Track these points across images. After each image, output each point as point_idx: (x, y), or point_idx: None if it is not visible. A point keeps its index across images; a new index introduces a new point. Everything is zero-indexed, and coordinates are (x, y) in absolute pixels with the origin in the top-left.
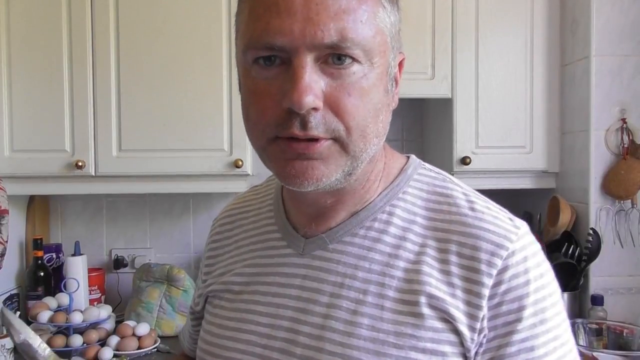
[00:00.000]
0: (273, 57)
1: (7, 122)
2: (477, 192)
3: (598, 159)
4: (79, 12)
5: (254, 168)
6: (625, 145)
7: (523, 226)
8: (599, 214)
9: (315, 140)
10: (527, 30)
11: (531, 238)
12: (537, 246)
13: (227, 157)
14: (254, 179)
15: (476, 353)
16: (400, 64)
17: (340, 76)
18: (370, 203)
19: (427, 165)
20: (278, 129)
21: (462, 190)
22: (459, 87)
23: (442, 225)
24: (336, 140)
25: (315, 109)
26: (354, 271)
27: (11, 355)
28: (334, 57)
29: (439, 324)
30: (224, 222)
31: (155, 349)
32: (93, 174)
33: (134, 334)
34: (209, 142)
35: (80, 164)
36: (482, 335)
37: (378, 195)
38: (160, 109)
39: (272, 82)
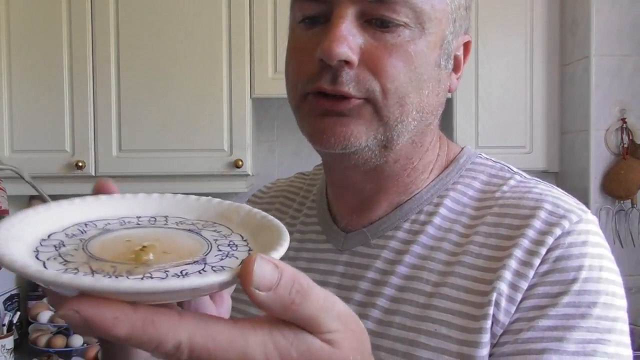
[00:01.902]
0: (318, 19)
1: (7, 122)
2: (544, 181)
3: (598, 158)
4: (79, 12)
5: (254, 168)
6: (625, 145)
7: (591, 215)
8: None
9: (345, 98)
10: (527, 30)
11: (599, 230)
12: (604, 241)
13: (227, 157)
14: (254, 179)
15: (494, 344)
16: (466, 48)
17: (383, 37)
18: (416, 194)
19: (484, 154)
20: (309, 84)
21: (521, 178)
22: (459, 87)
23: (492, 211)
24: (369, 101)
25: (348, 63)
26: (392, 267)
27: (11, 355)
28: (377, 20)
29: (480, 324)
30: (266, 199)
31: None
32: (93, 174)
33: None
34: (209, 142)
35: (80, 164)
36: (507, 319)
37: (426, 187)
38: (160, 109)
39: (312, 37)
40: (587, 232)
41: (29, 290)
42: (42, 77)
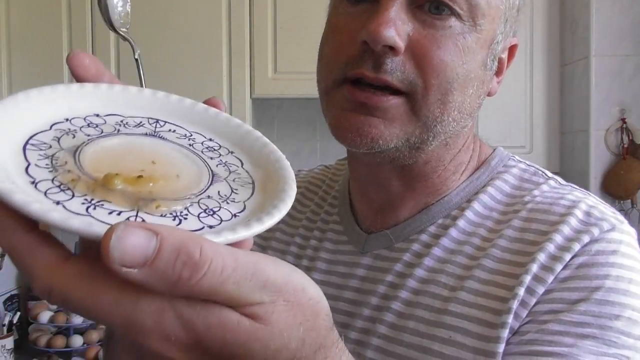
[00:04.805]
0: None
1: None
2: (580, 189)
3: (598, 159)
4: (78, 12)
5: None
6: (625, 145)
7: (628, 226)
8: None
9: (385, 91)
10: (527, 30)
11: (635, 243)
12: (639, 255)
13: None
14: None
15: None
16: (511, 51)
17: (434, 26)
18: (445, 197)
19: (517, 157)
20: (347, 67)
21: (556, 184)
22: None
23: (520, 215)
24: (409, 97)
25: (394, 50)
26: (411, 270)
27: (11, 355)
28: (432, 5)
29: (498, 333)
30: None
31: None
32: None
33: None
34: None
35: None
36: (517, 323)
37: (455, 189)
38: None
39: (356, 17)
40: (619, 241)
41: (29, 290)
42: (42, 77)
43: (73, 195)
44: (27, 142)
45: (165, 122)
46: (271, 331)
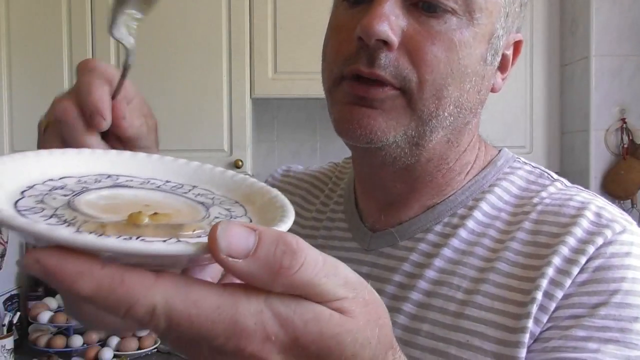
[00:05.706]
0: None
1: (7, 122)
2: (586, 190)
3: (598, 159)
4: (79, 12)
5: (254, 168)
6: (625, 145)
7: (637, 227)
8: None
9: (380, 85)
10: (527, 30)
11: None
12: None
13: (227, 157)
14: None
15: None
16: (517, 48)
17: (428, 22)
18: (450, 196)
19: (522, 158)
20: (345, 65)
21: (562, 186)
22: None
23: (530, 217)
24: (404, 92)
25: (387, 44)
26: (421, 270)
27: (11, 355)
28: (425, 4)
29: (518, 337)
30: (290, 179)
31: (155, 349)
32: None
33: (134, 335)
34: (209, 142)
35: None
36: (538, 329)
37: (461, 188)
38: (160, 109)
39: (354, 16)
40: (631, 243)
41: (29, 290)
42: (42, 77)
43: (112, 238)
44: (16, 209)
45: (118, 175)
46: (358, 324)
